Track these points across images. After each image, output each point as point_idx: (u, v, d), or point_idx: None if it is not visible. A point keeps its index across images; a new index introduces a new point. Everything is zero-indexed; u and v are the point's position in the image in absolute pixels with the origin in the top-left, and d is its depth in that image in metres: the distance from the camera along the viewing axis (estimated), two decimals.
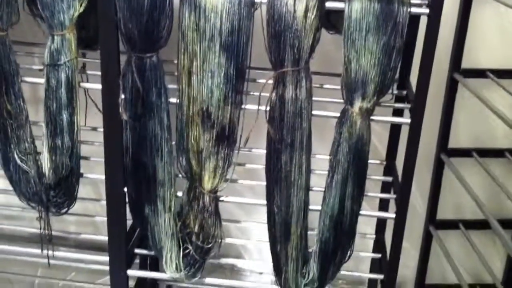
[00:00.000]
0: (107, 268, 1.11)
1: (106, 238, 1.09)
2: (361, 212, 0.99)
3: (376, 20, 0.86)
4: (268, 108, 0.94)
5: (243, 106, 0.96)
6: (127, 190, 1.05)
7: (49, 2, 0.96)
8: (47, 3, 0.97)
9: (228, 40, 0.91)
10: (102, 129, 1.11)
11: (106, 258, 1.11)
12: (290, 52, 0.90)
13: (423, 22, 0.89)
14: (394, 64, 0.88)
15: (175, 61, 0.96)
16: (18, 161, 1.07)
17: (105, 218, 1.08)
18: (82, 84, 1.05)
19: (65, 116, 1.03)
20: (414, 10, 0.87)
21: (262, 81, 1.01)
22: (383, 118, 0.97)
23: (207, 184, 1.00)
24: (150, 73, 0.95)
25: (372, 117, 0.93)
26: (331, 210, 0.98)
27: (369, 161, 0.98)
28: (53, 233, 1.16)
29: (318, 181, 1.03)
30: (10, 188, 1.14)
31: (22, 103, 1.05)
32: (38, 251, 1.18)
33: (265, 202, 1.01)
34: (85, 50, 1.15)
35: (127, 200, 1.06)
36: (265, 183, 1.00)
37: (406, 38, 0.88)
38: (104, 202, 1.08)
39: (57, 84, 1.01)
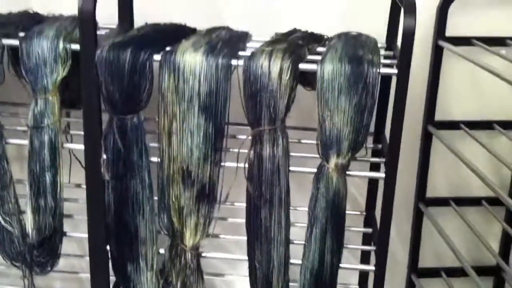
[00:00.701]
0: None
1: None
2: (341, 265, 1.01)
3: (347, 81, 0.89)
4: (246, 165, 0.97)
5: (222, 164, 0.99)
6: (109, 248, 1.06)
7: (33, 67, 0.99)
8: (30, 68, 0.99)
9: (207, 101, 0.94)
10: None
11: None
12: (267, 112, 0.93)
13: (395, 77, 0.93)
14: (366, 122, 0.92)
15: (156, 119, 0.99)
16: (2, 221, 1.08)
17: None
18: (65, 145, 1.08)
19: (48, 177, 1.05)
20: (383, 70, 0.91)
21: (241, 137, 1.04)
22: (358, 173, 1.00)
23: (189, 241, 1.01)
24: (131, 133, 0.98)
25: (348, 172, 0.96)
26: (311, 264, 0.99)
27: (349, 212, 1.00)
28: None
29: (301, 233, 1.05)
30: None
31: (6, 165, 1.07)
32: None
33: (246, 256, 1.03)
34: (69, 109, 1.18)
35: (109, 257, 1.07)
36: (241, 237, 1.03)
37: (380, 93, 0.92)
38: (88, 258, 1.09)
39: (40, 146, 1.03)
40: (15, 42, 1.01)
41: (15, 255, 1.11)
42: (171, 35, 1.06)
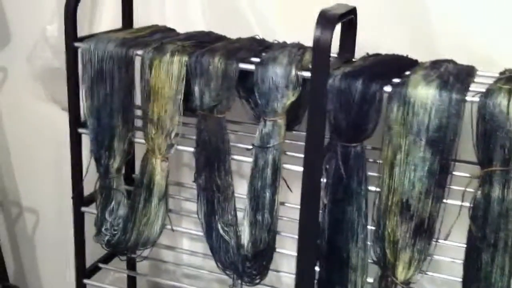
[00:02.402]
0: None
1: None
2: None
3: None
4: (471, 205, 0.94)
5: (444, 200, 0.96)
6: (318, 269, 1.09)
7: (266, 91, 1.06)
8: (264, 92, 1.06)
9: (435, 136, 0.93)
10: (288, 204, 1.19)
11: None
12: (500, 152, 0.89)
13: None
14: None
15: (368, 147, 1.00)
16: (221, 231, 1.16)
17: None
18: (284, 166, 1.13)
19: (267, 194, 1.10)
20: None
21: (462, 174, 1.01)
22: None
23: (401, 275, 1.00)
24: (353, 161, 1.00)
25: None
26: None
27: None
28: None
29: None
30: (196, 250, 1.33)
31: (230, 179, 1.15)
32: None
33: None
34: None
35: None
36: (451, 277, 1.03)
37: None
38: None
39: (264, 164, 1.09)
40: (250, 66, 1.09)
41: (229, 264, 1.18)
42: (395, 66, 1.07)
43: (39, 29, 1.54)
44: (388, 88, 0.96)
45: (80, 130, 1.25)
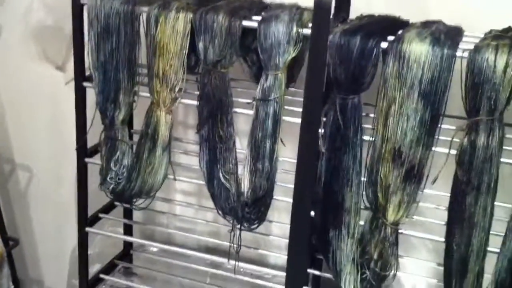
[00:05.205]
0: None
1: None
2: None
3: None
4: (458, 152, 1.03)
5: (433, 148, 1.06)
6: (314, 214, 1.18)
7: (268, 47, 1.12)
8: (266, 48, 1.12)
9: (427, 89, 1.01)
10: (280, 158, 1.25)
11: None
12: (486, 103, 0.98)
13: None
14: None
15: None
16: (222, 179, 1.24)
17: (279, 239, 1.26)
18: (284, 118, 1.20)
19: (268, 144, 1.18)
20: None
21: (449, 127, 1.10)
22: None
23: (391, 216, 1.10)
24: (350, 112, 1.08)
25: None
26: (510, 253, 1.03)
27: None
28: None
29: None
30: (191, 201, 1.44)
31: (232, 131, 1.22)
32: (224, 260, 1.34)
33: (436, 237, 1.12)
34: None
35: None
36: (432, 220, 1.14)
37: None
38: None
39: (265, 116, 1.16)
40: (253, 24, 1.15)
41: (229, 210, 1.26)
42: (389, 25, 1.14)
43: None
44: (384, 44, 1.04)
45: (85, 84, 1.30)
